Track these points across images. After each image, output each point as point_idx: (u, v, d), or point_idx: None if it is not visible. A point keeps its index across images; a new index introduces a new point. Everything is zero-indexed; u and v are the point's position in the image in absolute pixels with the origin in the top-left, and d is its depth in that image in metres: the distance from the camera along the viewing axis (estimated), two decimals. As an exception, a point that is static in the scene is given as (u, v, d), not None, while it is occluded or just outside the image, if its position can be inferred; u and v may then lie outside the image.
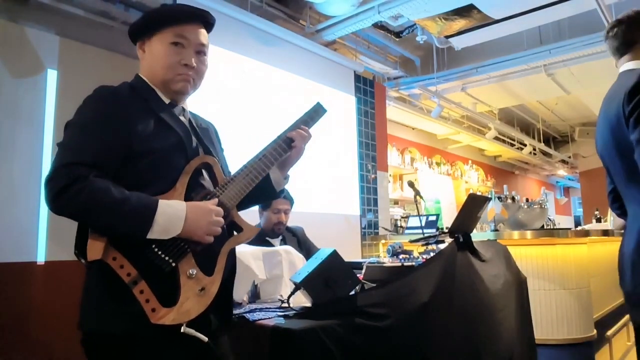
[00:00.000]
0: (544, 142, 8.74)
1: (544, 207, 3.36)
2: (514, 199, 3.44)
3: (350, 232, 4.39)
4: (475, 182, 8.31)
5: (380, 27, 4.67)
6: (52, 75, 2.84)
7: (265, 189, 1.31)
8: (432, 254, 1.83)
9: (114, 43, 3.08)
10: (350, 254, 3.85)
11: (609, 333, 3.34)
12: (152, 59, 1.18)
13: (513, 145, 8.22)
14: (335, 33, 4.26)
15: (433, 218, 3.98)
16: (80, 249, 1.00)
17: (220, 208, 1.11)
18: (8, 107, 2.66)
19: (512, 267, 2.21)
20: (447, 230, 2.05)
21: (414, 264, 1.72)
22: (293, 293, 1.49)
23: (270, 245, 2.33)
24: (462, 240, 1.88)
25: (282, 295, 1.67)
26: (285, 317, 1.38)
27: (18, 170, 2.64)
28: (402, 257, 1.93)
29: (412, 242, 2.26)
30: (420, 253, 1.98)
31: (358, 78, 4.75)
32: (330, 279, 1.44)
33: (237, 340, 1.39)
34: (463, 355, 1.62)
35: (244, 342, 1.38)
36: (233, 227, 1.18)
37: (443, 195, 6.75)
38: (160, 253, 1.02)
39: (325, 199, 4.07)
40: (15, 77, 2.71)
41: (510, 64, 4.98)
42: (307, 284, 1.44)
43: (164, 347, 1.03)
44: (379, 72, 5.44)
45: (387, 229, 4.65)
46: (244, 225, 1.17)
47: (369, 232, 4.60)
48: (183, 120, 1.21)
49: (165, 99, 1.20)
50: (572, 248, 3.03)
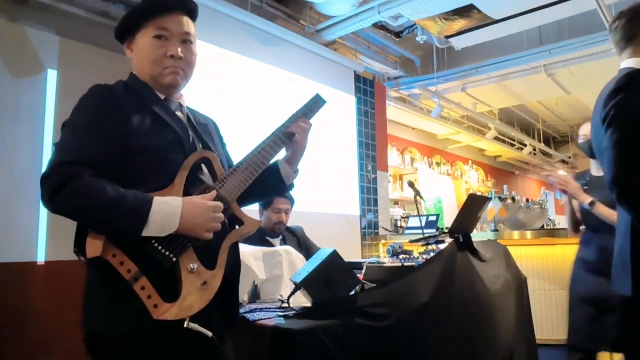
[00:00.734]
0: (544, 142, 8.73)
1: (544, 207, 3.36)
2: (514, 199, 3.44)
3: (350, 232, 4.39)
4: (475, 182, 8.30)
5: (380, 27, 4.67)
6: (52, 75, 2.84)
7: (276, 183, 1.30)
8: (432, 254, 1.83)
9: (114, 43, 3.07)
10: (350, 254, 3.84)
11: (609, 333, 3.33)
12: (139, 56, 1.18)
13: (513, 146, 8.21)
14: (335, 33, 4.26)
15: (433, 218, 3.99)
16: (80, 247, 0.99)
17: (220, 202, 1.09)
18: (8, 107, 2.66)
19: (512, 267, 2.21)
20: (447, 230, 2.05)
21: (414, 264, 1.72)
22: (293, 293, 1.49)
23: (270, 245, 2.33)
24: (462, 240, 1.89)
25: (282, 295, 1.67)
26: (285, 317, 1.38)
27: (18, 170, 2.64)
28: (402, 257, 1.93)
29: (412, 242, 2.26)
30: (420, 253, 1.98)
31: (358, 78, 4.75)
32: (330, 279, 1.44)
33: (237, 340, 1.39)
34: (463, 355, 1.62)
35: (244, 342, 1.38)
36: (234, 220, 1.17)
37: (443, 195, 6.75)
38: (161, 248, 1.01)
39: (325, 199, 4.07)
40: (15, 77, 2.71)
41: (510, 64, 4.98)
42: (307, 284, 1.44)
43: (168, 344, 1.02)
44: (379, 72, 5.44)
45: (387, 229, 4.65)
46: (245, 219, 1.16)
47: (369, 232, 4.60)
48: (180, 116, 1.21)
49: (161, 95, 1.19)
50: (572, 248, 3.02)
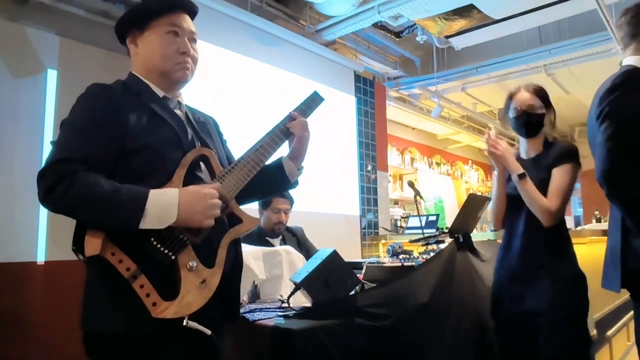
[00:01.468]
0: (544, 142, 8.72)
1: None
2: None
3: (350, 232, 4.39)
4: (475, 182, 8.30)
5: (380, 27, 4.67)
6: (52, 75, 2.84)
7: (280, 180, 1.31)
8: (432, 254, 1.83)
9: (114, 43, 3.06)
10: (350, 254, 3.84)
11: (609, 333, 3.34)
12: (148, 51, 1.18)
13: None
14: (335, 33, 4.26)
15: (433, 218, 3.99)
16: (79, 245, 0.99)
17: (215, 190, 1.08)
18: (8, 107, 2.65)
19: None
20: (447, 230, 2.05)
21: (414, 264, 1.72)
22: (293, 293, 1.49)
23: (270, 245, 2.33)
24: (462, 240, 1.89)
25: (282, 295, 1.67)
26: (285, 317, 1.38)
27: (18, 170, 2.64)
28: (402, 257, 1.93)
29: (412, 242, 2.26)
30: (420, 253, 1.99)
31: (358, 78, 4.75)
32: (330, 279, 1.44)
33: (237, 340, 1.39)
34: (463, 355, 1.62)
35: (244, 342, 1.38)
36: (233, 218, 1.17)
37: (443, 195, 6.75)
38: (160, 246, 1.01)
39: (325, 199, 4.07)
40: (15, 77, 2.71)
41: (510, 64, 4.98)
42: (307, 284, 1.44)
43: (167, 343, 1.02)
44: (379, 72, 5.44)
45: (387, 229, 4.65)
46: (244, 217, 1.16)
47: (369, 232, 4.60)
48: (179, 114, 1.21)
49: (159, 93, 1.19)
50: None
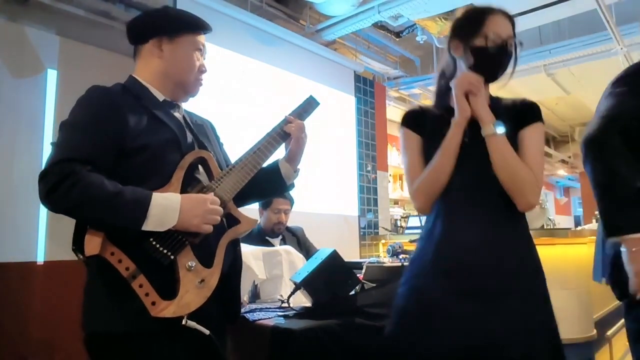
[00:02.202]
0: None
1: (544, 207, 3.35)
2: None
3: (350, 232, 4.39)
4: (475, 182, 8.28)
5: (380, 27, 4.66)
6: (52, 75, 2.84)
7: (276, 182, 1.33)
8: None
9: (114, 43, 3.08)
10: (350, 254, 3.84)
11: (609, 333, 3.34)
12: (174, 60, 1.20)
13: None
14: (335, 33, 4.26)
15: (433, 218, 3.98)
16: (79, 245, 0.99)
17: (216, 197, 1.11)
18: (8, 107, 2.65)
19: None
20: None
21: (414, 264, 1.71)
22: (293, 293, 1.49)
23: (270, 245, 2.33)
24: (462, 240, 1.88)
25: (282, 295, 1.67)
26: (285, 317, 1.39)
27: (18, 170, 2.64)
28: (402, 257, 1.93)
29: (412, 242, 2.26)
30: (420, 253, 1.98)
31: (358, 78, 4.75)
32: (330, 279, 1.44)
33: (237, 340, 1.39)
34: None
35: (244, 342, 1.38)
36: (231, 219, 1.18)
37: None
38: (159, 246, 1.02)
39: (325, 199, 4.07)
40: (15, 77, 2.71)
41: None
42: (307, 284, 1.44)
43: (166, 342, 1.03)
44: (379, 72, 5.43)
45: (387, 229, 4.65)
46: (242, 218, 1.18)
47: (369, 232, 4.60)
48: (177, 117, 1.23)
49: (159, 97, 1.21)
50: (572, 248, 3.03)
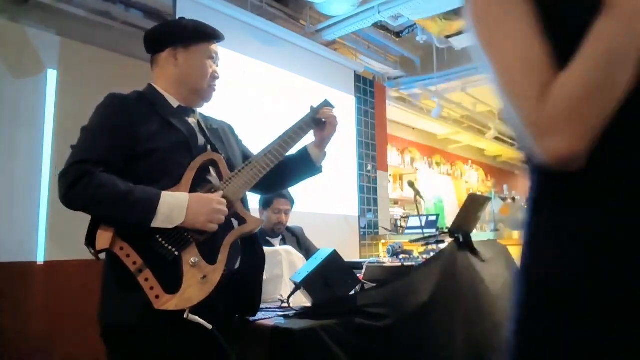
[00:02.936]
0: (544, 142, 8.72)
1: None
2: (514, 199, 3.44)
3: (350, 232, 4.39)
4: (475, 182, 8.30)
5: (380, 27, 4.66)
6: (52, 75, 2.84)
7: (308, 166, 1.43)
8: (432, 254, 1.83)
9: (114, 43, 3.08)
10: (350, 254, 3.84)
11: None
12: (188, 68, 1.30)
13: (513, 145, 8.21)
14: (335, 33, 4.26)
15: (433, 218, 3.99)
16: (91, 240, 1.07)
17: (222, 198, 1.16)
18: (8, 107, 2.66)
19: (512, 267, 2.21)
20: (447, 230, 2.06)
21: (414, 264, 1.72)
22: (293, 293, 1.49)
23: (270, 245, 2.33)
24: (462, 240, 1.89)
25: (282, 295, 1.67)
26: (285, 317, 1.39)
27: (18, 170, 2.64)
28: (402, 257, 1.93)
29: (412, 242, 2.26)
30: (420, 253, 1.99)
31: (358, 78, 4.74)
32: (330, 279, 1.44)
33: (237, 340, 1.39)
34: (463, 356, 1.62)
35: (244, 342, 1.38)
36: (237, 219, 1.23)
37: (443, 195, 6.75)
38: (164, 243, 1.08)
39: (325, 199, 4.07)
40: (15, 77, 2.71)
41: (511, 64, 4.97)
42: (307, 284, 1.44)
43: (170, 335, 1.08)
44: (379, 72, 5.43)
45: (387, 229, 4.65)
46: (248, 218, 1.22)
47: (369, 232, 4.60)
48: (191, 122, 1.29)
49: (174, 103, 1.28)
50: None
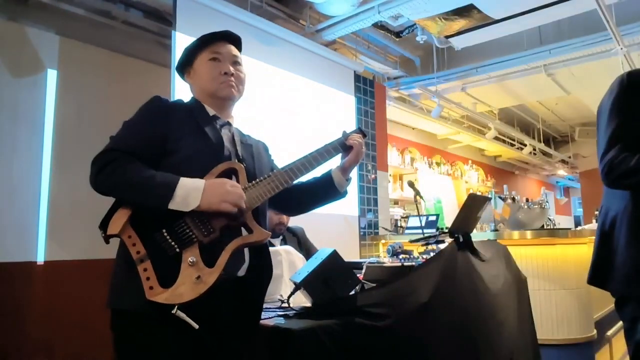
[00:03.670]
0: (544, 142, 8.71)
1: (544, 207, 3.35)
2: (514, 199, 3.43)
3: (350, 232, 4.39)
4: (475, 182, 8.30)
5: (380, 27, 4.66)
6: (52, 75, 2.84)
7: (330, 191, 1.51)
8: (432, 254, 1.83)
9: (114, 43, 3.08)
10: (350, 254, 3.84)
11: (609, 333, 3.34)
12: (199, 79, 1.37)
13: (513, 145, 8.20)
14: (335, 33, 4.25)
15: (433, 218, 3.99)
16: (104, 224, 1.13)
17: (239, 185, 1.21)
18: (8, 107, 2.66)
19: (512, 267, 2.21)
20: (447, 230, 2.05)
21: (414, 264, 1.72)
22: (293, 293, 1.49)
23: (271, 245, 2.33)
24: (462, 240, 1.89)
25: (282, 295, 1.67)
26: (285, 317, 1.39)
27: (18, 170, 2.64)
28: (402, 257, 1.93)
29: (412, 242, 2.26)
30: (420, 253, 1.98)
31: (358, 78, 4.74)
32: (330, 279, 1.44)
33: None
34: (463, 355, 1.62)
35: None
36: (246, 229, 1.24)
37: (443, 195, 6.75)
38: (169, 238, 1.12)
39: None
40: (15, 77, 2.71)
41: (510, 64, 4.97)
42: (307, 284, 1.44)
43: (159, 325, 1.10)
44: (379, 72, 5.43)
45: (387, 229, 4.65)
46: (255, 229, 1.23)
47: (369, 232, 4.60)
48: (224, 133, 1.34)
49: (210, 112, 1.35)
50: (572, 248, 3.03)
